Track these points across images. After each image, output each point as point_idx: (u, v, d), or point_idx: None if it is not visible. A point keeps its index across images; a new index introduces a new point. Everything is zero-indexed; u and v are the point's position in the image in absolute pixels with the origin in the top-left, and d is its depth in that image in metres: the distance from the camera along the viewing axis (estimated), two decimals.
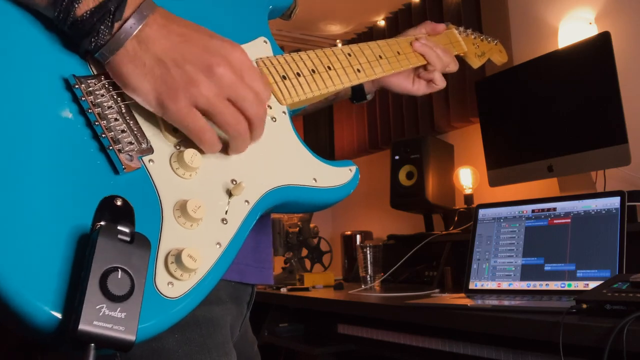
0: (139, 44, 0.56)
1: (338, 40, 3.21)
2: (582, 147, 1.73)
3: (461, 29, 1.14)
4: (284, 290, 2.15)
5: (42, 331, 0.48)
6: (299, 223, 2.53)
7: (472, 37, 1.15)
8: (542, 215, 1.51)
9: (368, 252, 2.06)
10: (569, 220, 1.45)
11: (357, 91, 1.03)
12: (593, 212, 1.41)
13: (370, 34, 3.07)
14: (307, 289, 2.14)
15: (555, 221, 1.48)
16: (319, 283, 2.25)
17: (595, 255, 1.35)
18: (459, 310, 1.30)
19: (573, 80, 1.78)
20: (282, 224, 2.52)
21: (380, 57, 0.92)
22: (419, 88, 1.04)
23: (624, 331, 0.91)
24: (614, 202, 1.38)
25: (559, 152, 1.80)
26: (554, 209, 1.49)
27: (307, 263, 2.56)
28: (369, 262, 2.06)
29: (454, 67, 1.04)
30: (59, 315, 0.48)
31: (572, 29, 2.03)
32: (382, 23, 2.98)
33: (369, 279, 2.06)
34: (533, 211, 1.54)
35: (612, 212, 1.37)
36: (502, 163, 2.02)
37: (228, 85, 0.59)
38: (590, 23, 2.00)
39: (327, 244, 2.60)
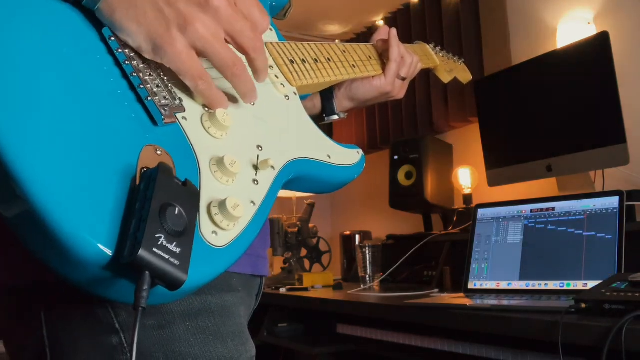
0: None
1: (337, 40, 3.22)
2: (581, 147, 1.73)
3: (431, 45, 1.19)
4: (283, 290, 2.15)
5: (90, 262, 0.47)
6: (298, 223, 2.53)
7: (441, 54, 1.21)
8: (541, 215, 1.51)
9: (367, 252, 2.06)
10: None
11: (327, 106, 1.00)
12: (592, 212, 1.41)
13: (369, 34, 3.06)
14: (306, 289, 2.14)
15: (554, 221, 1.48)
16: (318, 283, 2.24)
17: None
18: (458, 310, 1.30)
19: (572, 80, 1.79)
20: (281, 224, 2.52)
21: (370, 57, 0.98)
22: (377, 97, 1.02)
23: (622, 330, 0.91)
24: (613, 201, 1.38)
25: (557, 152, 1.80)
26: (553, 209, 1.50)
27: (306, 263, 2.56)
28: (368, 262, 2.06)
29: (411, 74, 1.03)
30: (109, 251, 0.47)
31: (571, 28, 2.03)
32: (380, 23, 2.98)
33: (368, 279, 2.06)
34: (532, 211, 1.54)
35: (611, 211, 1.37)
36: (500, 163, 2.02)
37: (224, 19, 0.57)
38: (588, 23, 2.00)
39: (326, 244, 2.60)
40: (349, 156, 0.78)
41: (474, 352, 1.30)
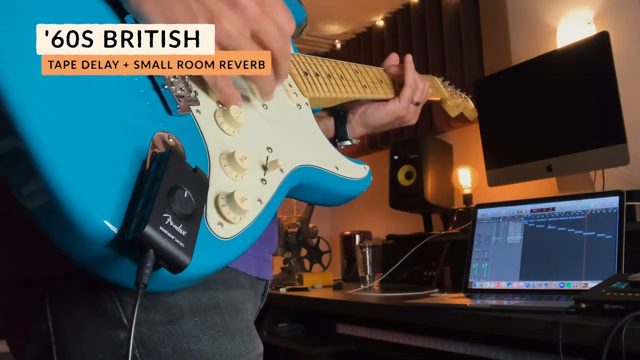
0: None
1: (337, 40, 3.21)
2: (581, 147, 1.73)
3: (441, 78, 1.21)
4: (283, 290, 2.15)
5: (95, 238, 0.47)
6: (298, 223, 2.53)
7: (449, 89, 1.23)
8: (541, 215, 1.51)
9: (367, 252, 2.06)
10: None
11: (340, 130, 1.00)
12: (592, 212, 1.41)
13: (369, 34, 3.07)
14: (306, 289, 2.14)
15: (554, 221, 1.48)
16: (318, 283, 2.25)
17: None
18: (458, 310, 1.30)
19: (572, 80, 1.78)
20: (281, 224, 2.52)
21: (381, 81, 0.99)
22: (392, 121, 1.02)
23: (622, 330, 0.91)
24: (613, 201, 1.38)
25: (557, 152, 1.80)
26: (553, 209, 1.50)
27: (306, 263, 2.56)
28: (368, 262, 2.06)
29: (423, 99, 1.04)
30: (114, 228, 0.47)
31: (571, 28, 2.03)
32: (380, 23, 2.98)
33: (368, 279, 2.06)
34: (532, 211, 1.54)
35: (611, 211, 1.37)
36: (500, 163, 2.02)
37: (252, 18, 0.57)
38: (588, 23, 2.00)
39: (326, 244, 2.60)
40: (357, 170, 0.79)
41: (474, 352, 1.30)
